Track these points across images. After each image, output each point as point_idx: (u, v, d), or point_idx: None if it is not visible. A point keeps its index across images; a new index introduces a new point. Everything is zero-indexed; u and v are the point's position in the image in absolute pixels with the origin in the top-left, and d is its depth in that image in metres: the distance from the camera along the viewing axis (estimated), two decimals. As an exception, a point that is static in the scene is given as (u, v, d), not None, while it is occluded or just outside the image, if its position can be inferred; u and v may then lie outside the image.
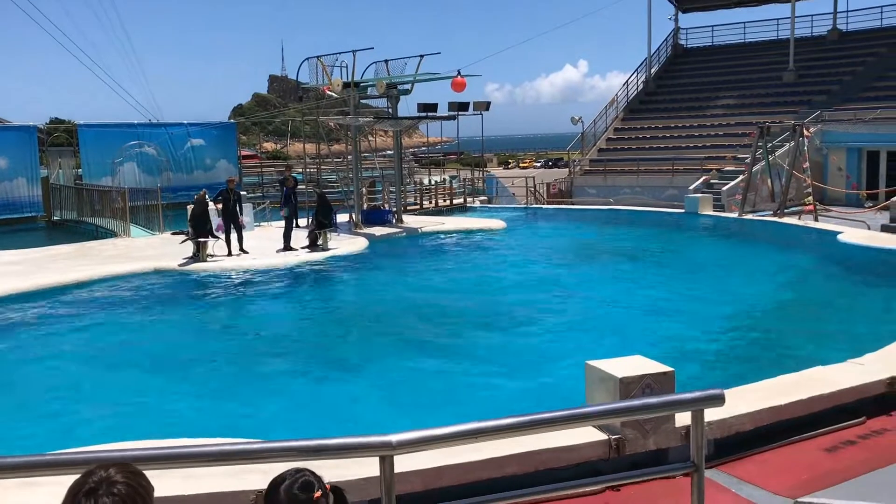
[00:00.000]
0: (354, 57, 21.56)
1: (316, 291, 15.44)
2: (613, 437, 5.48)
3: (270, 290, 15.20)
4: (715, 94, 37.38)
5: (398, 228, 22.20)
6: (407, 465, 4.70)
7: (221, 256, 17.22)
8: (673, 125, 36.38)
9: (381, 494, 2.98)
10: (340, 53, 22.23)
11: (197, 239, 16.81)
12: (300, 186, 22.30)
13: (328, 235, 18.59)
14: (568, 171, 36.82)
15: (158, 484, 2.01)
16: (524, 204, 30.24)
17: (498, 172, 45.46)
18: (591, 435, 5.51)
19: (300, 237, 18.63)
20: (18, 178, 27.50)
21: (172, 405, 8.52)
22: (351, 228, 21.61)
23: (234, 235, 17.72)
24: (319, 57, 22.28)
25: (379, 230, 21.54)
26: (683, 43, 42.56)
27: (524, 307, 12.89)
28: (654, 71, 40.76)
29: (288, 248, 18.15)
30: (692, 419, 3.39)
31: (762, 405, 6.06)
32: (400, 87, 22.56)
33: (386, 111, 23.43)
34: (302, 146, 32.13)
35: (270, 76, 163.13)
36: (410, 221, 23.35)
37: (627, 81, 40.32)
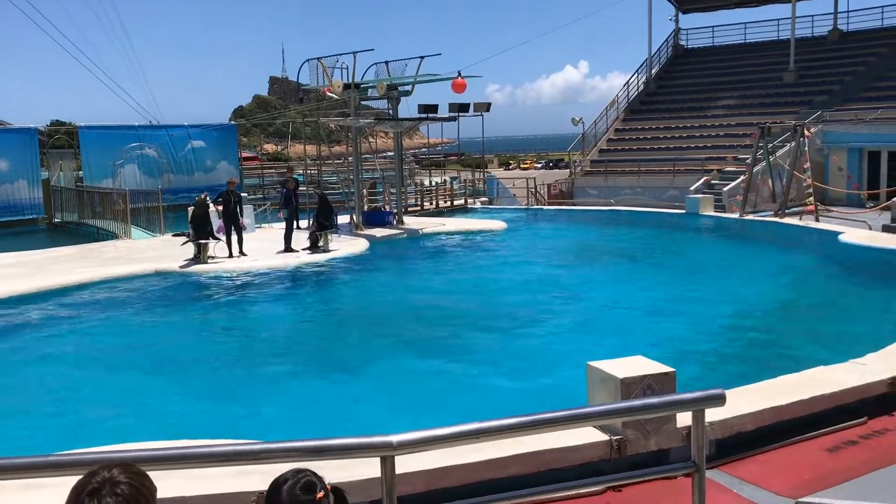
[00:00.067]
0: (355, 58, 21.60)
1: (317, 293, 15.44)
2: (615, 437, 5.48)
3: (271, 291, 15.20)
4: (715, 94, 37.34)
5: (399, 230, 22.20)
6: (409, 465, 4.70)
7: (222, 258, 17.22)
8: (674, 126, 36.35)
9: (382, 495, 2.97)
10: (341, 55, 22.28)
11: (198, 241, 16.82)
12: (301, 188, 22.32)
13: (329, 237, 18.59)
14: (569, 171, 36.78)
15: (161, 485, 2.01)
16: (525, 205, 30.24)
17: (499, 173, 45.44)
18: (592, 436, 5.51)
19: (301, 238, 18.64)
20: (19, 180, 27.53)
21: (174, 406, 8.53)
22: (352, 230, 21.62)
23: (234, 237, 17.73)
24: (320, 58, 22.32)
25: (380, 231, 21.55)
26: (684, 43, 42.54)
27: (525, 308, 12.89)
28: (654, 71, 40.73)
29: (289, 249, 18.16)
30: (693, 419, 3.38)
31: (763, 405, 6.07)
32: (400, 88, 22.57)
33: (386, 112, 23.43)
34: (303, 148, 32.17)
35: (271, 78, 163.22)
36: (411, 223, 23.36)
37: (628, 82, 40.30)
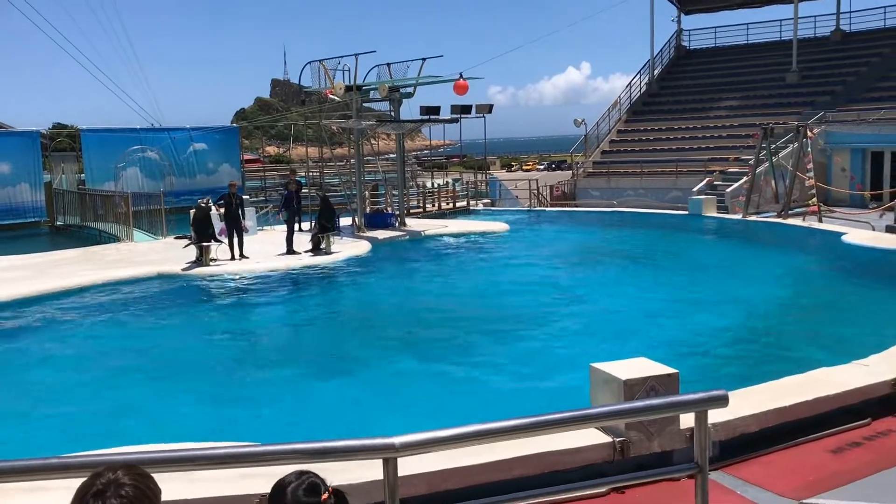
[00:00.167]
0: (357, 60, 21.62)
1: (319, 295, 15.43)
2: (618, 439, 5.47)
3: (273, 294, 15.20)
4: (718, 95, 37.30)
5: (401, 232, 22.20)
6: (411, 468, 4.69)
7: (224, 260, 17.22)
8: (676, 127, 36.32)
9: (384, 498, 2.96)
10: (343, 57, 22.30)
11: (200, 243, 16.83)
12: (304, 190, 22.33)
13: (331, 239, 18.58)
14: (571, 173, 36.76)
15: (163, 488, 2.01)
16: (527, 207, 30.22)
17: (501, 175, 45.42)
18: (595, 437, 5.51)
19: (303, 241, 18.64)
20: (22, 183, 27.58)
21: (176, 409, 8.53)
22: (354, 232, 21.62)
23: (236, 239, 17.74)
24: (322, 61, 22.33)
25: (382, 233, 21.54)
26: (686, 44, 42.50)
27: (527, 310, 12.87)
28: (657, 73, 40.69)
29: (291, 251, 18.17)
30: (696, 420, 3.37)
31: (767, 407, 6.06)
32: (402, 90, 22.58)
33: (388, 114, 23.43)
34: (305, 150, 32.18)
35: (273, 80, 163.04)
36: (413, 224, 23.36)
37: (630, 83, 40.28)
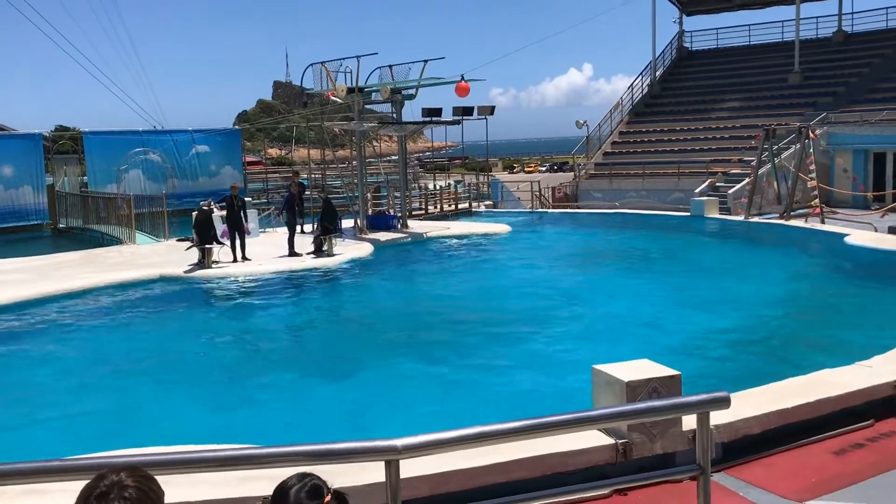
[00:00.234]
0: (358, 62, 21.63)
1: (321, 297, 15.44)
2: (620, 441, 5.46)
3: (275, 295, 15.20)
4: (720, 96, 37.28)
5: (403, 233, 22.20)
6: (413, 470, 4.69)
7: (227, 263, 17.23)
8: (678, 128, 36.31)
9: (387, 500, 2.96)
10: (344, 59, 22.30)
11: (202, 245, 16.84)
12: (307, 192, 22.35)
13: (333, 241, 18.59)
14: (573, 174, 36.78)
15: (165, 490, 2.00)
16: (529, 208, 30.23)
17: (503, 177, 45.43)
18: (598, 439, 5.50)
19: (305, 243, 18.65)
20: (24, 185, 27.65)
21: (178, 411, 8.53)
22: (356, 234, 21.63)
23: (238, 241, 17.74)
24: (323, 63, 22.36)
25: (384, 235, 21.55)
26: (688, 46, 42.49)
27: (529, 311, 12.86)
28: (658, 74, 40.68)
29: (293, 253, 18.17)
30: (698, 422, 3.37)
31: (770, 408, 6.05)
32: (404, 92, 22.59)
33: (390, 116, 23.44)
34: (307, 152, 32.21)
35: (275, 82, 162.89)
36: (415, 226, 23.36)
37: (632, 85, 40.25)
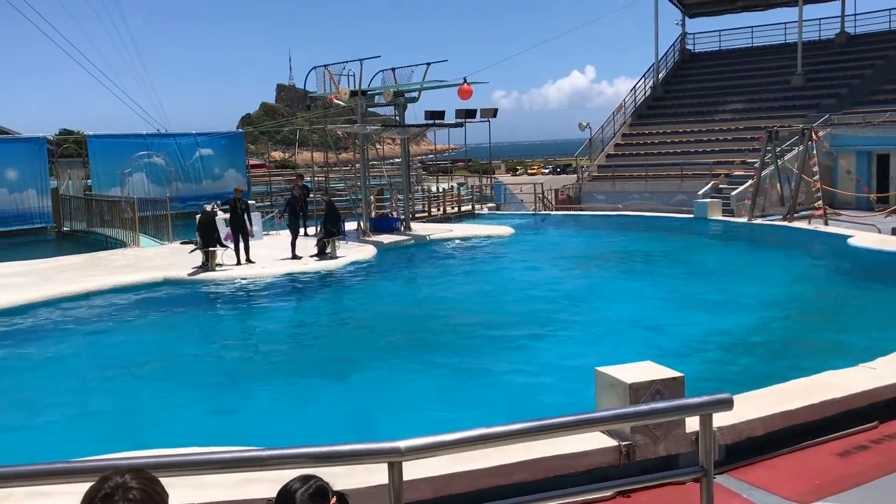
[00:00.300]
0: (361, 65, 21.68)
1: (324, 299, 15.45)
2: (624, 443, 5.46)
3: (279, 298, 15.22)
4: (723, 98, 37.25)
5: (406, 236, 22.22)
6: (416, 472, 4.69)
7: (230, 266, 17.25)
8: (681, 130, 36.28)
9: (389, 502, 2.97)
10: (347, 62, 22.35)
11: (206, 248, 16.87)
12: (309, 195, 22.38)
13: (336, 243, 18.61)
14: (576, 177, 36.78)
15: (169, 492, 2.01)
16: (532, 210, 30.22)
17: (506, 179, 45.47)
18: (601, 441, 5.49)
19: (308, 245, 18.66)
20: (28, 189, 27.70)
21: (182, 413, 8.54)
22: (359, 236, 21.64)
23: (241, 244, 17.77)
24: (327, 66, 22.39)
25: (387, 238, 21.56)
26: (691, 48, 42.48)
27: (532, 314, 12.86)
28: (661, 76, 40.65)
29: (295, 256, 18.18)
30: (700, 423, 3.36)
31: (773, 410, 6.04)
32: (407, 94, 22.62)
33: (393, 119, 23.47)
34: (310, 155, 32.25)
35: (278, 85, 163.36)
36: (418, 229, 23.37)
37: (635, 87, 40.24)
